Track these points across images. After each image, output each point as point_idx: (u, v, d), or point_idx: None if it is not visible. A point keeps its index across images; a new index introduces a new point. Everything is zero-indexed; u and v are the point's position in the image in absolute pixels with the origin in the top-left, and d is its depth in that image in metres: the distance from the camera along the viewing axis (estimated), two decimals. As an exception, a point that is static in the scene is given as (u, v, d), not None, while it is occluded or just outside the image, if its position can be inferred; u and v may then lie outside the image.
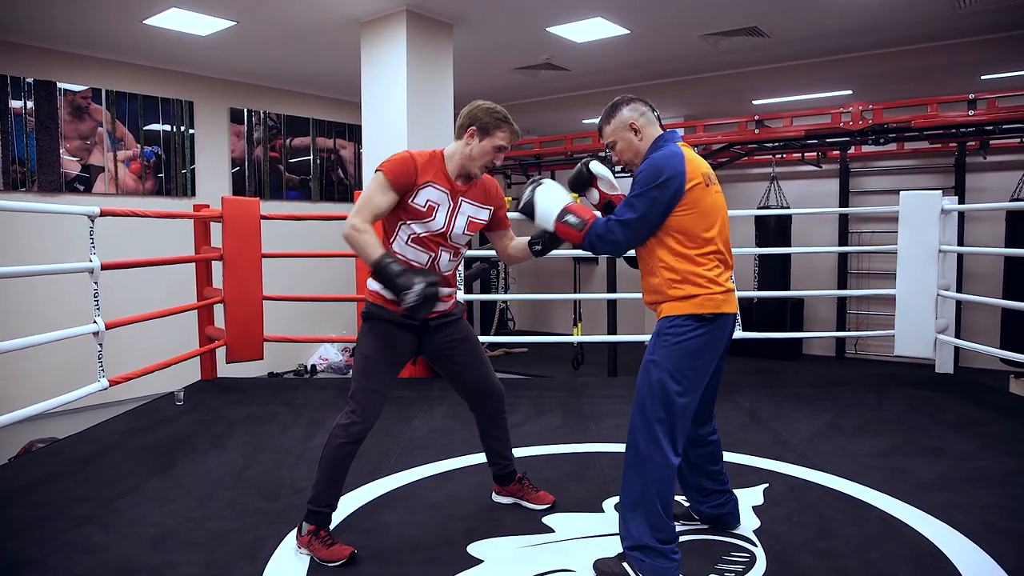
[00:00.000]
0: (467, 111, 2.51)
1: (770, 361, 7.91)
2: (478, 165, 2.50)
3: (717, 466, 2.63)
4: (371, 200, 2.41)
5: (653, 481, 2.26)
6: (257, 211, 5.02)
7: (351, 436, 2.46)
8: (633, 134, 2.40)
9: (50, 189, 6.66)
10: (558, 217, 2.41)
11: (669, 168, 2.27)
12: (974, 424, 3.99)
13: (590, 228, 2.37)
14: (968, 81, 7.57)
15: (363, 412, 2.47)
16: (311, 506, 2.48)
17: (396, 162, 2.44)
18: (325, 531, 2.47)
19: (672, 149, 2.33)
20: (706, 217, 2.31)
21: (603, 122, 2.46)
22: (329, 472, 2.48)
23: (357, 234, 2.37)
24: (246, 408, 4.48)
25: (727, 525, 2.66)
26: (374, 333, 2.52)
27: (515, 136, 2.52)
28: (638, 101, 2.44)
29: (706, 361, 2.33)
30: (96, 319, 3.63)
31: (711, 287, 2.29)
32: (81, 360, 4.67)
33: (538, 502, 2.91)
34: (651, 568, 2.24)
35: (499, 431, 2.88)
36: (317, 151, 8.93)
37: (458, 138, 2.52)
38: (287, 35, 6.39)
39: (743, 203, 8.82)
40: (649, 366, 2.32)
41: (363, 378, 2.50)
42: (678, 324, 2.30)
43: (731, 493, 2.67)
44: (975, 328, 7.28)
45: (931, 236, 4.80)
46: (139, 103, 7.27)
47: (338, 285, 7.80)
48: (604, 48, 6.86)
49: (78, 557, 2.48)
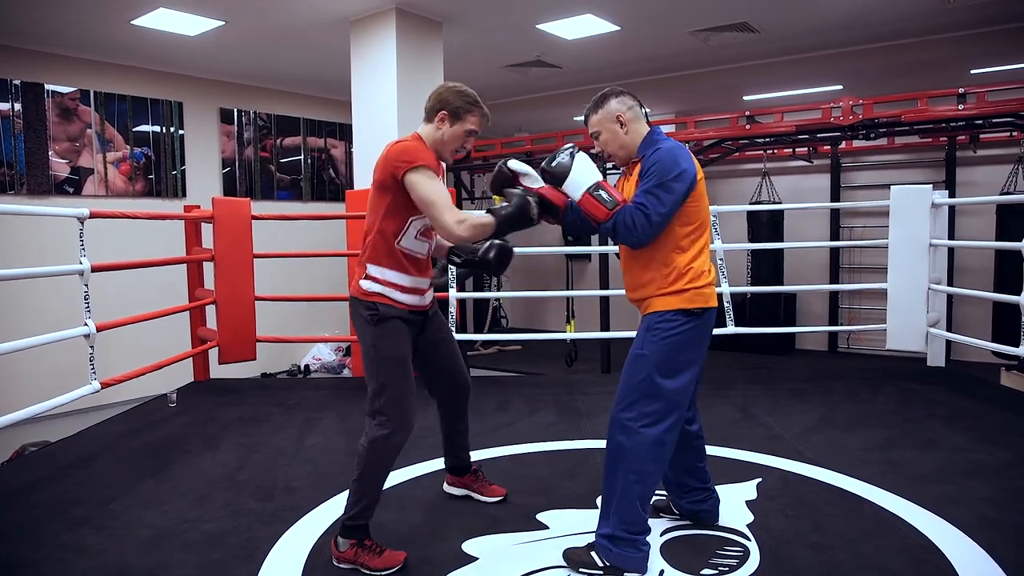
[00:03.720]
0: (436, 94, 2.47)
1: (763, 356, 7.93)
2: (449, 149, 2.49)
3: (701, 463, 2.64)
4: (440, 191, 2.33)
5: (633, 472, 2.28)
6: (248, 211, 5.00)
7: (395, 446, 2.40)
8: (619, 126, 2.40)
9: (39, 192, 6.61)
10: (591, 189, 2.28)
11: (684, 160, 2.29)
12: (966, 417, 4.01)
13: (619, 211, 2.28)
14: (958, 75, 7.59)
15: (402, 419, 2.40)
16: (351, 521, 2.40)
17: (427, 154, 2.38)
18: (370, 540, 2.40)
19: (675, 143, 2.35)
20: (703, 211, 2.36)
21: (590, 111, 2.46)
22: (372, 486, 2.41)
23: (465, 222, 2.28)
24: (239, 409, 4.47)
25: (706, 521, 2.67)
26: (393, 334, 2.43)
27: (485, 120, 2.50)
28: (627, 95, 2.44)
29: (695, 354, 2.36)
30: (87, 321, 3.61)
31: (700, 281, 2.32)
32: (73, 363, 4.64)
33: (490, 495, 2.93)
34: (617, 556, 2.27)
35: (464, 424, 2.91)
36: (308, 151, 8.90)
37: (428, 121, 2.48)
38: (276, 34, 6.37)
39: (735, 199, 8.85)
40: (637, 360, 2.34)
41: (394, 381, 2.39)
42: (668, 319, 2.32)
43: (713, 491, 2.68)
44: (966, 321, 7.31)
45: (922, 230, 4.82)
46: (128, 104, 7.23)
47: (330, 285, 7.78)
48: (594, 45, 6.86)
49: (73, 560, 2.47)
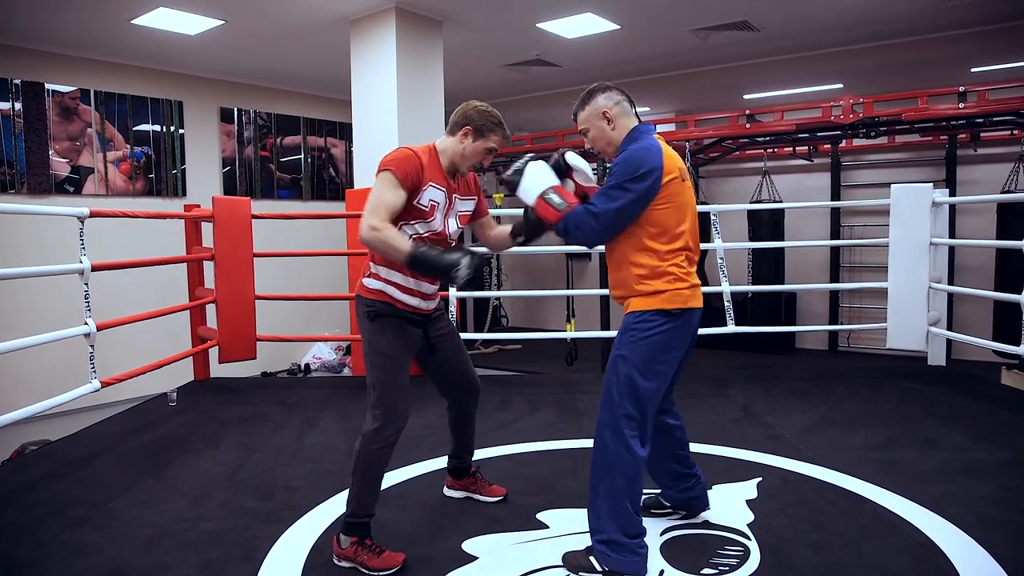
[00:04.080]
0: (462, 110, 2.50)
1: (763, 355, 7.92)
2: (468, 164, 2.52)
3: (684, 451, 2.66)
4: (383, 198, 2.31)
5: (621, 476, 2.28)
6: (248, 210, 5.00)
7: (388, 440, 2.42)
8: (606, 123, 2.40)
9: (39, 191, 6.61)
10: (542, 193, 2.37)
11: (647, 161, 2.27)
12: (967, 416, 4.01)
13: (569, 213, 2.33)
14: (958, 74, 7.59)
15: (394, 412, 2.43)
16: (352, 519, 2.42)
17: (403, 160, 2.36)
18: (371, 540, 2.42)
19: (649, 142, 2.33)
20: (679, 212, 2.33)
21: (578, 108, 2.46)
22: (368, 481, 2.43)
23: (377, 233, 2.26)
24: (239, 408, 4.47)
25: (697, 509, 2.70)
26: (388, 330, 2.47)
27: (507, 140, 2.55)
28: (614, 90, 2.43)
29: (673, 355, 2.36)
30: (87, 320, 3.62)
31: (677, 284, 2.31)
32: (73, 362, 4.65)
33: (491, 495, 2.93)
34: (616, 562, 2.27)
35: (471, 426, 2.91)
36: (308, 150, 8.90)
37: (451, 135, 2.51)
38: (276, 33, 6.36)
39: (736, 198, 8.84)
40: (617, 361, 2.34)
41: (387, 376, 2.43)
42: (646, 319, 2.32)
43: (699, 477, 2.70)
44: (967, 320, 7.30)
45: (922, 229, 4.82)
46: (128, 103, 7.23)
47: (330, 284, 7.78)
48: (594, 44, 6.86)
49: (73, 560, 2.47)
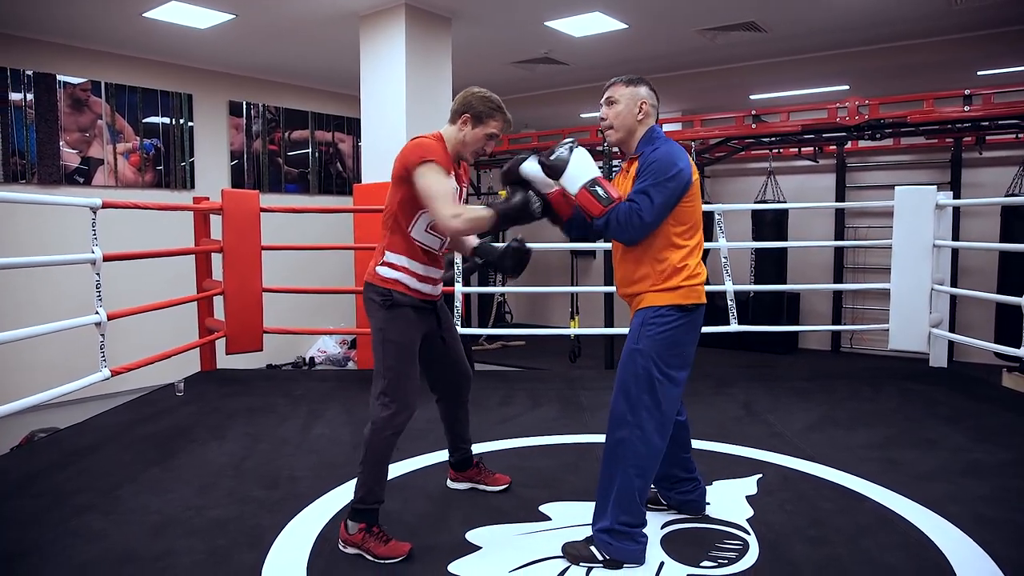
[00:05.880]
0: (462, 97, 2.55)
1: (766, 355, 7.94)
2: (470, 151, 2.56)
3: (686, 454, 2.69)
4: (443, 187, 2.38)
5: (633, 466, 2.32)
6: (257, 203, 5.03)
7: (397, 427, 2.46)
8: (638, 111, 2.44)
9: (50, 181, 6.66)
10: (587, 184, 2.31)
11: (681, 160, 2.33)
12: (967, 417, 4.03)
13: (615, 207, 2.30)
14: (964, 77, 7.58)
15: (404, 400, 2.46)
16: (360, 505, 2.44)
17: (438, 151, 2.44)
18: (378, 527, 2.43)
19: (673, 143, 2.39)
20: (697, 211, 2.40)
21: (621, 82, 2.49)
22: (376, 467, 2.46)
23: (460, 218, 2.32)
24: (245, 399, 4.51)
25: (693, 511, 2.73)
26: (402, 319, 2.49)
27: (507, 126, 2.58)
28: (655, 91, 2.50)
29: (688, 349, 2.41)
30: (99, 310, 3.66)
31: (692, 280, 2.36)
32: (82, 351, 4.69)
33: (495, 484, 2.96)
34: (617, 550, 2.31)
35: (465, 412, 2.93)
36: (316, 144, 8.93)
37: (452, 123, 2.56)
38: (286, 28, 6.39)
39: (740, 197, 8.86)
40: (634, 354, 2.37)
41: (398, 364, 2.46)
42: (662, 314, 2.36)
43: (699, 481, 2.73)
44: (969, 322, 7.30)
45: (926, 231, 4.83)
46: (138, 96, 7.28)
47: (337, 277, 7.82)
48: (602, 42, 6.87)
49: (80, 546, 2.51)
